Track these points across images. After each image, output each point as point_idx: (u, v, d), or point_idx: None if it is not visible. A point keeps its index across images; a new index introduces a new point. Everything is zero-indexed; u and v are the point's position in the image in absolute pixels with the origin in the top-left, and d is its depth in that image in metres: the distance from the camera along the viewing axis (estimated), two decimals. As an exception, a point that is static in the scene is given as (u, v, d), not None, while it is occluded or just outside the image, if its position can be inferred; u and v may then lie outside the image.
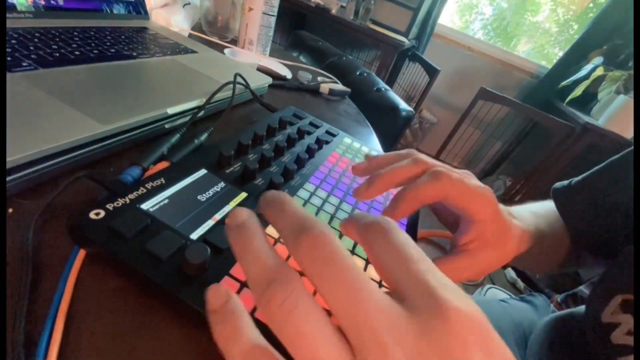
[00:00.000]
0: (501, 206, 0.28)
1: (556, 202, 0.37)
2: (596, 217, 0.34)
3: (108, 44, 0.38)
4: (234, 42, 0.66)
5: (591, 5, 1.92)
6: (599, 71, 1.48)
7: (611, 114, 1.45)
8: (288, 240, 0.12)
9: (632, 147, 0.34)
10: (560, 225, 0.37)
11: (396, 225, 0.13)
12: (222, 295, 0.12)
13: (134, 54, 0.38)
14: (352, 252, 0.23)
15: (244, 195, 0.23)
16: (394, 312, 0.10)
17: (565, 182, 0.38)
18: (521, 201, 0.38)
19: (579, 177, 0.37)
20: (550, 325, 0.41)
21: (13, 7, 0.35)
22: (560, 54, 1.87)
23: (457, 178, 0.22)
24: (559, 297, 1.18)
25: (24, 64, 0.28)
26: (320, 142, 0.34)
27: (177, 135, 0.29)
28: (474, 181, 0.24)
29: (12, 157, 0.18)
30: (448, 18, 2.18)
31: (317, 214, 0.25)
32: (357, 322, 0.10)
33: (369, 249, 0.13)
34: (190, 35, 0.59)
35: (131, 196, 0.19)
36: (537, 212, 0.36)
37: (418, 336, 0.09)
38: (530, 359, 0.40)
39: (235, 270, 0.18)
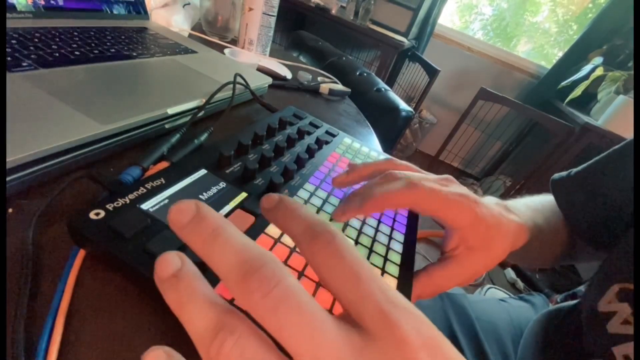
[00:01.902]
0: (497, 201, 0.29)
1: (554, 192, 0.37)
2: (594, 208, 0.34)
3: (108, 44, 0.38)
4: (234, 42, 0.66)
5: (590, 5, 1.92)
6: (599, 71, 1.48)
7: (611, 114, 1.46)
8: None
9: (632, 139, 0.34)
10: (557, 219, 0.37)
11: (343, 236, 0.12)
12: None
13: (134, 54, 0.38)
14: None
15: (244, 195, 0.23)
16: (352, 342, 0.10)
17: (565, 173, 0.38)
18: (521, 201, 0.38)
19: (579, 168, 0.37)
20: (544, 317, 0.42)
21: (13, 7, 0.35)
22: (560, 54, 1.88)
23: (429, 188, 0.22)
24: (558, 297, 1.18)
25: (24, 64, 0.28)
26: (320, 142, 0.34)
27: (177, 135, 0.29)
28: (451, 189, 0.24)
29: (12, 157, 0.18)
30: (448, 18, 2.18)
31: (317, 214, 0.25)
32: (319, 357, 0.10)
33: (315, 266, 0.12)
34: (190, 35, 0.59)
35: (131, 196, 0.19)
36: (534, 206, 0.36)
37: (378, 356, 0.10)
38: (524, 351, 0.40)
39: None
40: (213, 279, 0.14)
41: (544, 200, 0.38)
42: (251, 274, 0.10)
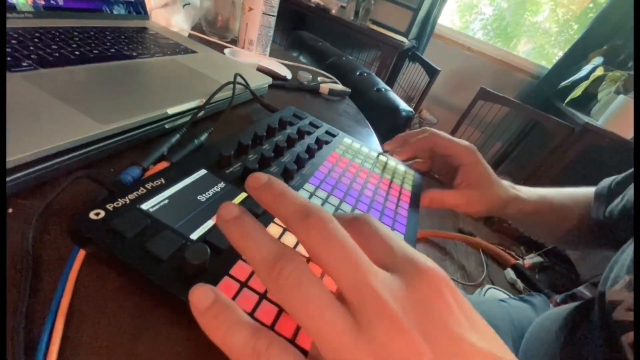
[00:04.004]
0: (508, 183, 0.39)
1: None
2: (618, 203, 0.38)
3: (108, 44, 0.38)
4: (234, 42, 0.66)
5: (591, 5, 1.92)
6: (599, 71, 1.48)
7: (611, 114, 1.45)
8: (295, 223, 0.13)
9: None
10: (571, 204, 0.42)
11: (374, 218, 0.15)
12: (208, 293, 0.12)
13: (134, 54, 0.38)
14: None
15: (244, 195, 0.23)
16: (387, 276, 0.12)
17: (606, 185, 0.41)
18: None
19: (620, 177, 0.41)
20: (549, 318, 0.42)
21: (13, 7, 0.35)
22: (560, 54, 1.87)
23: (444, 135, 0.36)
24: (558, 297, 1.18)
25: (24, 64, 0.28)
26: (320, 143, 0.34)
27: (177, 135, 0.29)
28: (463, 141, 0.36)
29: (12, 157, 0.18)
30: (448, 18, 2.18)
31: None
32: (360, 286, 0.12)
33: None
34: (190, 35, 0.59)
35: (131, 196, 0.19)
36: (545, 190, 0.42)
37: (406, 290, 0.12)
38: (527, 352, 0.40)
39: (235, 271, 0.18)
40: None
41: (560, 189, 0.44)
42: (310, 215, 0.13)
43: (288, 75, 0.58)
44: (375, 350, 0.11)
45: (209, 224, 0.20)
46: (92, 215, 0.17)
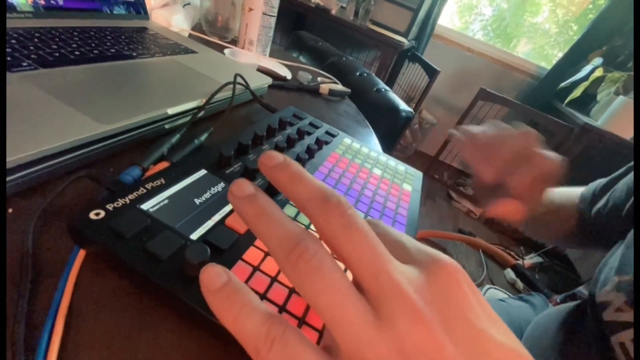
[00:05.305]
0: None
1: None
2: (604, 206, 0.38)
3: (108, 44, 0.38)
4: (234, 42, 0.66)
5: (590, 6, 1.92)
6: (598, 72, 1.49)
7: (610, 115, 1.46)
8: (312, 207, 0.13)
9: None
10: (566, 202, 0.42)
11: (383, 222, 0.15)
12: (221, 274, 0.12)
13: (134, 54, 0.38)
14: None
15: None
16: (406, 267, 0.12)
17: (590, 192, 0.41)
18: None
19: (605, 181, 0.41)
20: (548, 318, 0.42)
21: (13, 7, 0.35)
22: (560, 54, 1.88)
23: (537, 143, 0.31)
24: (558, 297, 1.18)
25: (24, 64, 0.28)
26: (320, 143, 0.34)
27: (177, 136, 0.29)
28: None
29: (12, 157, 0.18)
30: (448, 19, 2.18)
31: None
32: (380, 275, 0.11)
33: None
34: (190, 36, 0.59)
35: (131, 196, 0.19)
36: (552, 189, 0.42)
37: (425, 281, 0.12)
38: (531, 350, 0.40)
39: (236, 270, 0.18)
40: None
41: (565, 189, 0.44)
42: (330, 200, 0.13)
43: (288, 75, 0.58)
44: (395, 341, 0.10)
45: (209, 224, 0.20)
46: (92, 215, 0.17)
